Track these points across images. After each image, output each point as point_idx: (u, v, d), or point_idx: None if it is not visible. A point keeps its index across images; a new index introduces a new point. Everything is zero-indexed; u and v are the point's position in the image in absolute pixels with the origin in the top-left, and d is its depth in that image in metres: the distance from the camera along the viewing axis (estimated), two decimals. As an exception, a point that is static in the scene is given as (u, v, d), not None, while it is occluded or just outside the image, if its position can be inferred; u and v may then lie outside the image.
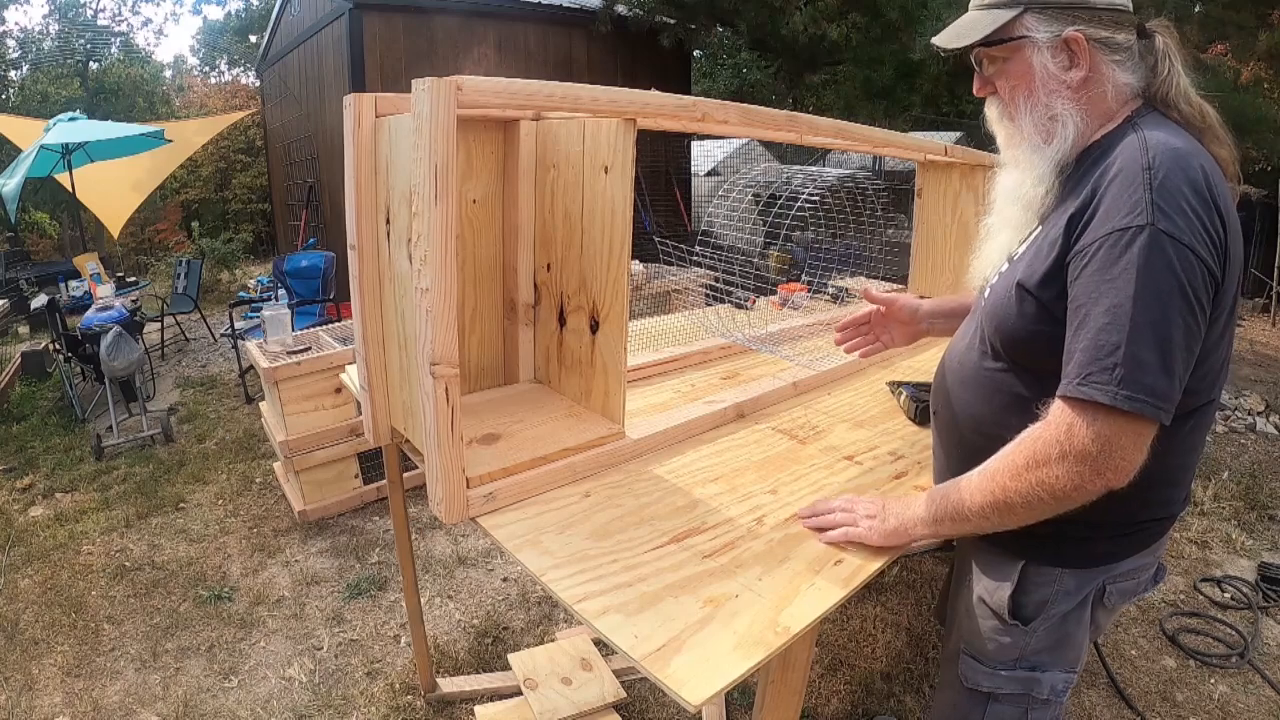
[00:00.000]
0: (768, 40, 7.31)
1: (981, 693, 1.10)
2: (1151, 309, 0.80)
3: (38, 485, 3.60)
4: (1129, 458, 0.82)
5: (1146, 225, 0.81)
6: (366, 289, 1.32)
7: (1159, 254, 0.80)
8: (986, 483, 0.92)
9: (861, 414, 1.63)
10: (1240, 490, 3.42)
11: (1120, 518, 0.99)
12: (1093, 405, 0.82)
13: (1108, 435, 0.81)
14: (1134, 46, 0.96)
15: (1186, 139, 0.90)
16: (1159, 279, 0.80)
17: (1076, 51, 0.94)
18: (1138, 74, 0.96)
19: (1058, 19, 0.95)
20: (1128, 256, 0.81)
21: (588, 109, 1.17)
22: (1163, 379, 0.80)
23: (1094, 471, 0.83)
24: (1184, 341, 0.81)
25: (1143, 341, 0.80)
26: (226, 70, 20.16)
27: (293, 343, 3.27)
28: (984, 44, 0.99)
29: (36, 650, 2.35)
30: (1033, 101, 0.98)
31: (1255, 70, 5.96)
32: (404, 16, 6.60)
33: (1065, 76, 0.95)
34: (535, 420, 1.37)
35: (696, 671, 0.81)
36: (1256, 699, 2.14)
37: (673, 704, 2.02)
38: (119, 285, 6.02)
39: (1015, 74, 0.99)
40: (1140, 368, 0.79)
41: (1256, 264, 8.70)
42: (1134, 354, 0.80)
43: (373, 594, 2.62)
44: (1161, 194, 0.82)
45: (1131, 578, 1.06)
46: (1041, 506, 0.88)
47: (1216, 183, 0.86)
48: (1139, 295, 0.80)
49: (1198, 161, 0.85)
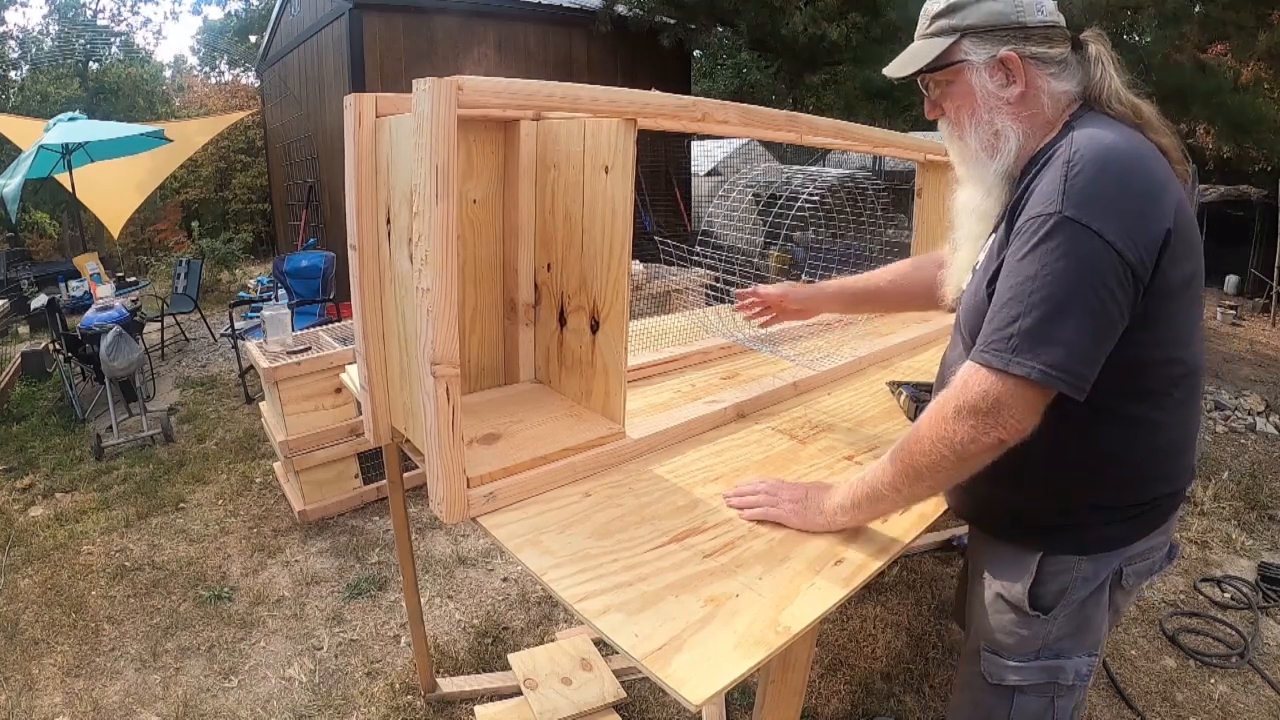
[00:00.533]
0: (768, 40, 7.31)
1: (1006, 687, 1.11)
2: (1050, 287, 0.87)
3: (38, 485, 3.60)
4: (1019, 417, 0.89)
5: (1055, 213, 0.88)
6: (367, 289, 1.32)
7: (1063, 238, 0.87)
8: (895, 456, 1.01)
9: (861, 414, 1.63)
10: (1240, 490, 3.43)
11: (1130, 497, 1.02)
12: (988, 369, 0.90)
13: (996, 395, 0.89)
14: (1068, 58, 1.03)
15: (1122, 131, 0.95)
16: (1061, 261, 0.87)
17: (1012, 69, 1.01)
18: (1074, 80, 1.03)
19: (993, 41, 1.02)
20: (1035, 240, 0.89)
21: (588, 109, 1.17)
22: (1058, 350, 0.86)
23: (986, 426, 0.90)
24: (1087, 321, 0.87)
25: (1039, 315, 0.87)
26: (226, 70, 20.16)
27: (293, 343, 3.28)
28: (928, 70, 1.07)
29: (36, 650, 2.35)
30: (976, 119, 1.05)
31: (1255, 70, 5.96)
32: (404, 16, 6.60)
33: (1004, 93, 1.02)
34: (536, 420, 1.37)
35: (697, 671, 0.81)
36: (1256, 699, 2.14)
37: (673, 704, 2.02)
38: (119, 285, 6.02)
39: (959, 95, 1.06)
40: (1033, 339, 0.87)
41: (1256, 264, 8.70)
42: (1028, 327, 0.87)
43: (373, 594, 2.62)
44: (1074, 184, 0.88)
45: (1146, 558, 1.09)
46: (945, 466, 0.94)
47: (1146, 168, 0.91)
48: (1038, 275, 0.88)
49: (1124, 151, 0.91)
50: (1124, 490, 1.01)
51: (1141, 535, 1.06)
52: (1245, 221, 8.91)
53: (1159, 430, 0.98)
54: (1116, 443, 0.99)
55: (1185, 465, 1.07)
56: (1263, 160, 7.12)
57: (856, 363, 1.93)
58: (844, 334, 2.15)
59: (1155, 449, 0.99)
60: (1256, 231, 8.78)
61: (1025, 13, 1.01)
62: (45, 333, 6.06)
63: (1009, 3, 1.01)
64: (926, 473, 0.97)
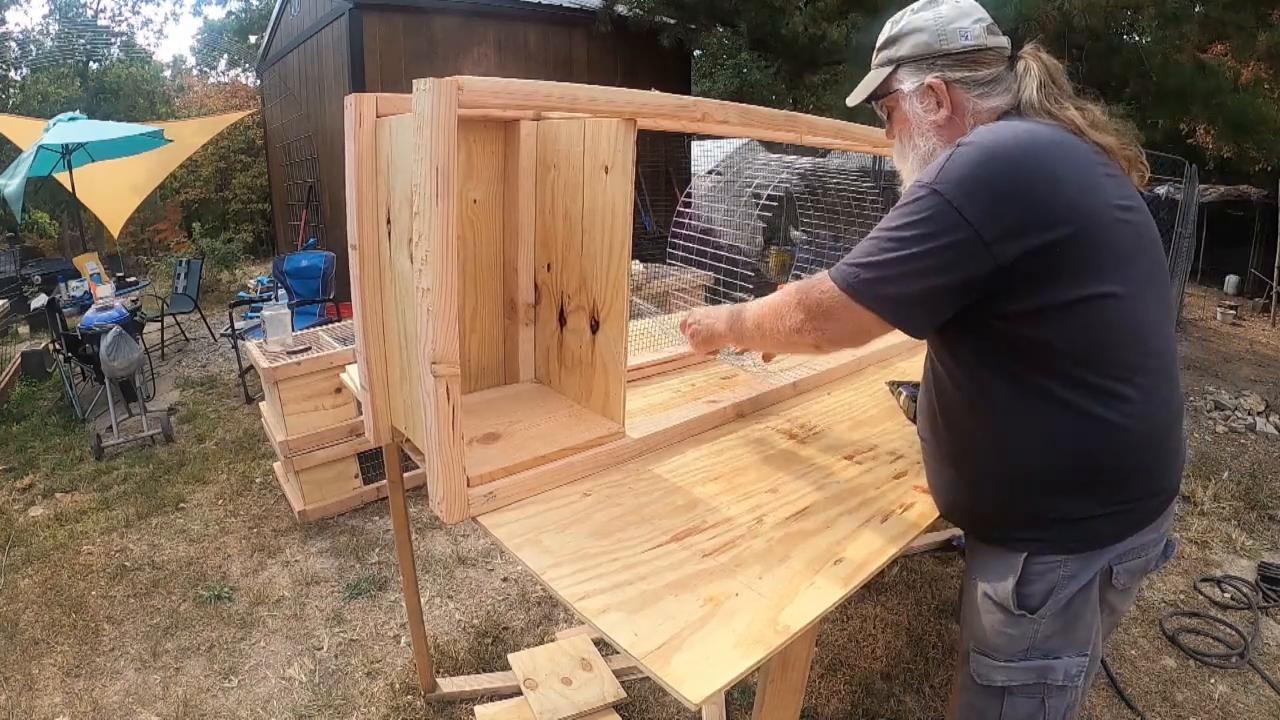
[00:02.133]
0: (768, 40, 7.31)
1: (996, 688, 1.11)
2: (900, 235, 0.97)
3: (38, 485, 3.60)
4: (839, 323, 1.05)
5: (927, 184, 0.96)
6: (367, 289, 1.32)
7: (925, 205, 0.96)
8: (757, 309, 1.21)
9: (861, 414, 1.63)
10: (1240, 490, 3.43)
11: (1104, 494, 1.02)
12: (831, 281, 1.03)
13: (829, 304, 1.04)
14: (1002, 75, 1.10)
15: (1026, 128, 1.02)
16: (916, 218, 0.96)
17: (938, 94, 1.11)
18: (1008, 95, 1.09)
19: (921, 70, 1.12)
20: (903, 203, 0.99)
21: (588, 109, 1.17)
22: (889, 287, 0.98)
23: (811, 325, 1.07)
24: (923, 276, 0.96)
25: (878, 252, 0.99)
26: (226, 70, 20.16)
27: (293, 343, 3.28)
28: (873, 98, 1.20)
29: (36, 650, 2.35)
30: (913, 141, 1.15)
31: (1255, 70, 5.97)
32: (404, 16, 6.60)
33: (932, 116, 1.12)
34: (535, 420, 1.38)
35: (696, 670, 0.81)
36: (1256, 699, 2.14)
37: (673, 704, 2.02)
38: (119, 285, 6.02)
39: (899, 120, 1.18)
40: (866, 267, 1.00)
41: (1256, 264, 8.70)
42: (873, 259, 0.99)
43: (373, 594, 2.62)
44: (951, 165, 0.96)
45: (1137, 555, 1.08)
46: (778, 336, 1.15)
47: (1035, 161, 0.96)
48: (895, 226, 0.98)
49: (1011, 143, 0.97)
50: (1094, 488, 1.01)
51: (1128, 533, 1.05)
52: (1245, 221, 8.92)
53: (1113, 424, 0.98)
54: (1068, 438, 0.99)
55: (1164, 463, 1.06)
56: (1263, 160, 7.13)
57: (856, 362, 1.93)
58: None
59: (1116, 444, 0.99)
60: (1256, 231, 8.79)
61: (949, 40, 1.10)
62: (45, 333, 6.06)
63: (934, 34, 1.10)
64: (769, 334, 1.18)
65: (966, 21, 1.10)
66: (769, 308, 1.17)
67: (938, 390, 1.12)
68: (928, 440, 1.19)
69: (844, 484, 1.28)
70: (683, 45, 7.91)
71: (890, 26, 1.16)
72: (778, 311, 1.13)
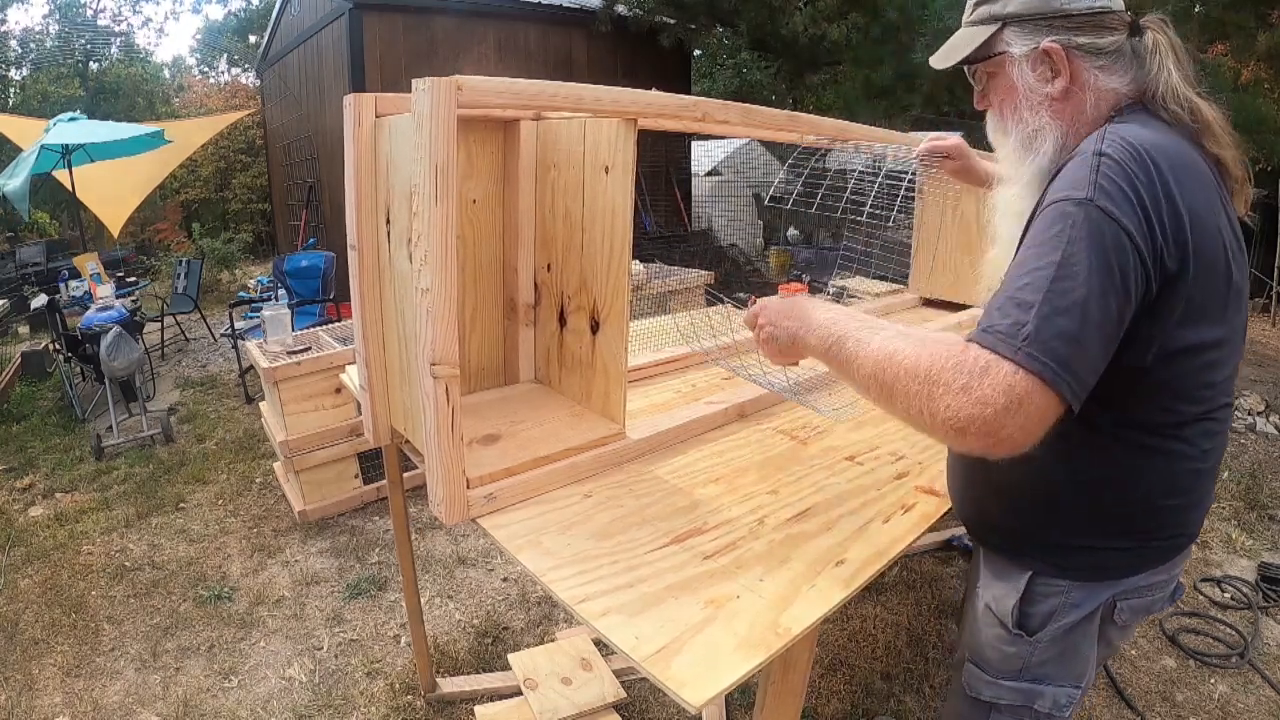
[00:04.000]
0: (768, 40, 7.31)
1: (984, 702, 1.09)
2: (1075, 279, 0.76)
3: (38, 485, 3.60)
4: (1026, 422, 0.74)
5: (1085, 200, 0.79)
6: (366, 289, 1.32)
7: (1093, 228, 0.78)
8: (883, 363, 0.83)
9: (860, 414, 1.63)
10: (1240, 490, 3.42)
11: (1128, 530, 0.97)
12: (998, 356, 0.75)
13: (1019, 394, 0.73)
14: (1123, 47, 0.94)
15: (1165, 136, 0.88)
16: (1088, 254, 0.77)
17: (1055, 62, 0.94)
18: (1127, 75, 0.94)
19: (1035, 31, 0.94)
20: (1061, 225, 0.79)
21: (588, 109, 1.16)
22: (1073, 349, 0.75)
23: (985, 422, 0.73)
24: (1099, 318, 0.76)
25: (1054, 307, 0.75)
26: (226, 70, 20.16)
27: (293, 343, 3.27)
28: (969, 61, 1.01)
29: (36, 650, 2.35)
30: (1018, 116, 0.99)
31: (1255, 70, 5.96)
32: (404, 16, 6.60)
33: (1046, 89, 0.95)
34: (536, 420, 1.37)
35: (697, 672, 0.81)
36: (1256, 699, 2.14)
37: (673, 704, 2.02)
38: (119, 286, 6.01)
39: (1002, 89, 1.00)
40: (1048, 332, 0.74)
41: (1256, 264, 8.70)
42: (1046, 316, 0.75)
43: (373, 594, 2.62)
44: (1106, 176, 0.80)
45: (1143, 594, 1.03)
46: (918, 425, 0.81)
47: (1178, 179, 0.82)
48: (1064, 263, 0.77)
49: (1160, 155, 0.82)
50: (1126, 525, 0.96)
51: (1139, 569, 1.01)
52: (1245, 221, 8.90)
53: (1168, 470, 0.92)
54: (1122, 477, 0.94)
55: (1197, 507, 1.00)
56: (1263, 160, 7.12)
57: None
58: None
59: (1163, 488, 0.93)
60: (1257, 231, 8.78)
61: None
62: (45, 333, 6.06)
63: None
64: (897, 408, 0.82)
65: None
66: (908, 358, 0.80)
67: None
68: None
69: (845, 485, 1.27)
70: (683, 45, 7.90)
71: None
72: (923, 375, 0.78)
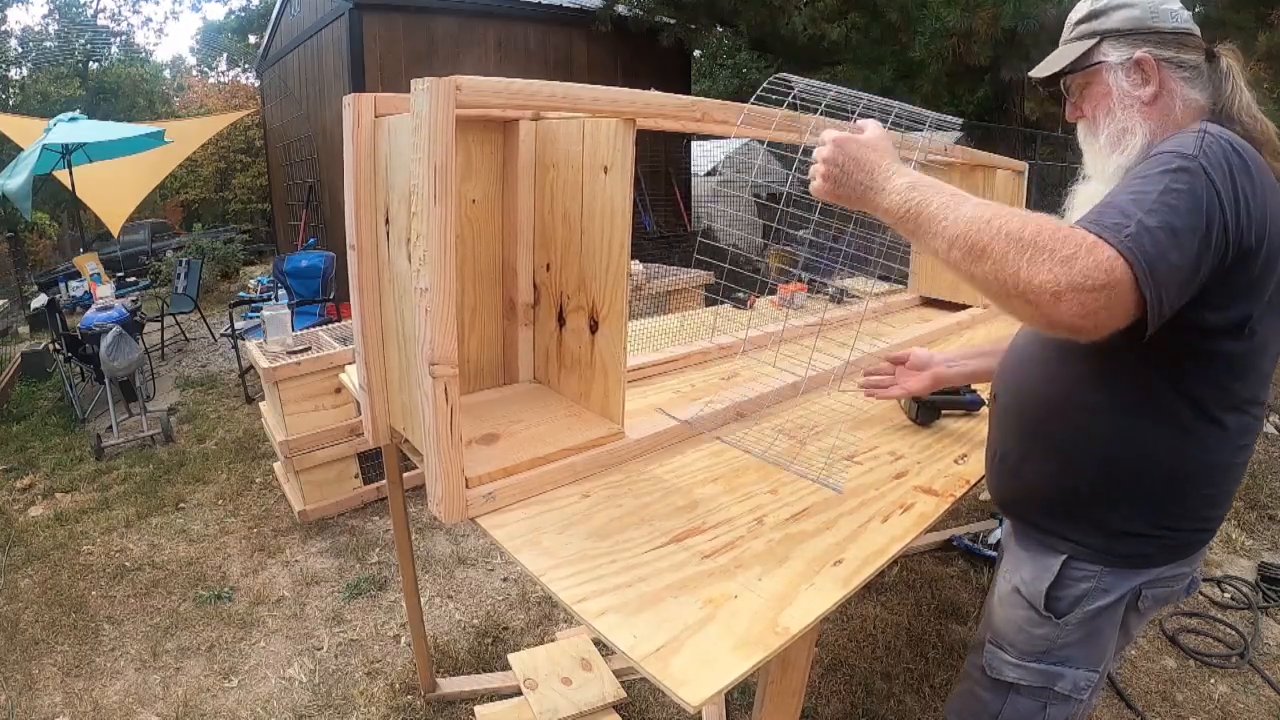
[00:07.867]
0: (768, 40, 7.30)
1: (1004, 683, 1.14)
2: (1168, 210, 0.82)
3: (38, 485, 3.60)
4: (1110, 309, 0.78)
5: (1192, 156, 0.86)
6: (366, 289, 1.32)
7: (1198, 181, 0.85)
8: (980, 225, 0.83)
9: (861, 414, 1.63)
10: (1240, 490, 3.42)
11: (1167, 514, 1.03)
12: (1103, 241, 0.79)
13: (1118, 276, 0.77)
14: (1201, 66, 1.05)
15: (1243, 141, 0.97)
16: (1187, 197, 0.84)
17: (1147, 70, 1.05)
18: (1205, 92, 1.05)
19: (1130, 44, 1.06)
20: (1166, 167, 0.87)
21: (588, 109, 1.17)
22: (1163, 262, 0.79)
23: (1081, 294, 0.76)
24: (1184, 250, 0.82)
25: (1159, 220, 0.81)
26: (226, 70, 20.17)
27: (293, 343, 3.28)
28: (1069, 70, 1.12)
29: (36, 650, 2.35)
30: (1111, 117, 1.08)
31: (1255, 70, 5.95)
32: (404, 16, 6.60)
33: (1138, 93, 1.06)
34: (535, 420, 1.37)
35: (696, 672, 0.81)
36: (1256, 699, 2.14)
37: (672, 704, 2.01)
38: (119, 286, 6.02)
39: (1096, 95, 1.11)
40: (1151, 234, 0.80)
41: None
42: (1150, 224, 0.81)
43: (373, 594, 2.62)
44: (1210, 148, 0.88)
45: (1167, 585, 1.10)
46: (1000, 286, 0.81)
47: (1260, 174, 0.91)
48: (1163, 193, 0.83)
49: (1247, 153, 0.91)
50: (1163, 507, 1.03)
51: (1169, 561, 1.07)
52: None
53: (1212, 452, 1.00)
54: (1173, 455, 1.00)
55: (1226, 495, 1.07)
56: (1263, 160, 7.11)
57: (855, 362, 1.92)
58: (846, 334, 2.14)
59: (1207, 472, 1.01)
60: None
61: (1160, 18, 1.05)
62: (45, 333, 6.06)
63: (1145, 8, 1.06)
64: (982, 275, 0.82)
65: (1175, 4, 1.07)
66: (1012, 223, 0.81)
67: (1053, 376, 1.07)
68: (1010, 412, 1.15)
69: (844, 484, 1.27)
70: (683, 45, 7.90)
71: (1092, 1, 1.11)
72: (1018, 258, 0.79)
